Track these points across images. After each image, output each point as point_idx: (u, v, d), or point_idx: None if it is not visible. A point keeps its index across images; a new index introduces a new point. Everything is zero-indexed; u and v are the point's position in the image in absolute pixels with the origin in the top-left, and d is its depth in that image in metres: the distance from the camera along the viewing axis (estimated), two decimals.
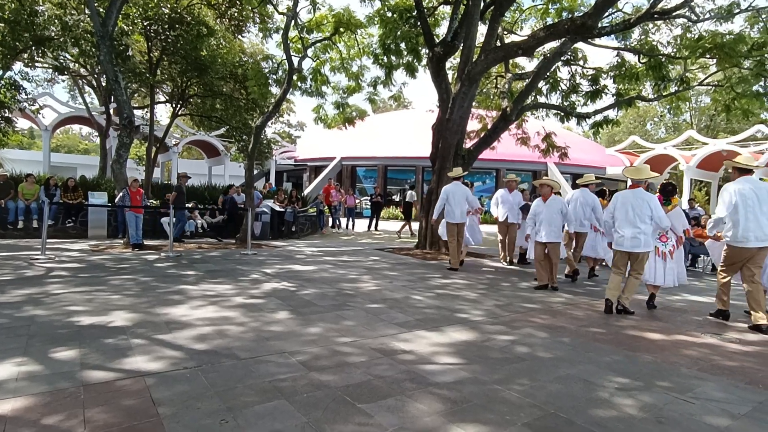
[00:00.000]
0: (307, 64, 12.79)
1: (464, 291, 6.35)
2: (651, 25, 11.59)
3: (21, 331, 3.76)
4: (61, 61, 13.60)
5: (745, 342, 4.33)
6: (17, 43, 10.76)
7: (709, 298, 6.50)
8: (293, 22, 11.38)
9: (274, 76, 12.52)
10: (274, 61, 12.77)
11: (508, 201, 9.03)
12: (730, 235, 4.94)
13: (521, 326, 4.59)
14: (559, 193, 7.28)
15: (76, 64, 16.15)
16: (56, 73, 17.33)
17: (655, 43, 11.14)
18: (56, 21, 10.86)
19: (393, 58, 11.93)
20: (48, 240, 8.00)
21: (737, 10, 9.71)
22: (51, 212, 10.40)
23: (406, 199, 15.69)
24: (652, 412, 2.73)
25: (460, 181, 8.37)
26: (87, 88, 22.36)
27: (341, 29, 11.78)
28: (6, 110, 11.94)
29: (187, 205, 11.69)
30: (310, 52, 12.30)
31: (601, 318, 5.08)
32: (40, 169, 17.77)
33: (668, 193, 5.72)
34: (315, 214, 15.55)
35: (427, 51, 10.86)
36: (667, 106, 13.20)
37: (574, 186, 10.02)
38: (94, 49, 11.16)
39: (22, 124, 27.75)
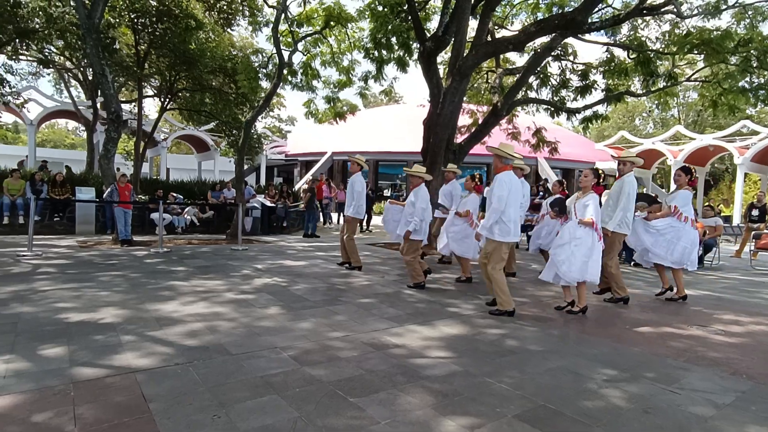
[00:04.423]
0: (298, 58, 12.66)
1: (455, 285, 6.39)
2: (640, 21, 11.66)
3: (7, 329, 3.72)
4: (46, 53, 13.33)
5: (729, 333, 4.41)
6: (0, 36, 10.54)
7: (697, 291, 6.62)
8: (283, 15, 11.26)
9: (264, 70, 12.39)
10: (264, 54, 12.64)
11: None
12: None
13: (511, 320, 4.64)
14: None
15: (62, 57, 15.82)
16: (41, 66, 16.98)
17: (643, 38, 11.22)
18: (40, 13, 10.63)
19: (384, 52, 11.87)
20: (35, 236, 7.88)
21: (724, 7, 9.81)
22: (38, 208, 10.25)
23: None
24: (639, 403, 2.78)
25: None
26: (73, 82, 21.94)
27: (332, 23, 11.69)
28: None
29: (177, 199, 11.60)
30: (300, 46, 12.20)
31: (590, 311, 5.14)
32: (26, 165, 17.48)
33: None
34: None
35: (418, 45, 10.82)
36: (656, 102, 13.34)
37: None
38: (79, 42, 10.96)
39: (7, 118, 27.29)
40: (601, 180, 5.17)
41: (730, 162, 29.99)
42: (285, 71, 11.57)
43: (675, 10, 9.71)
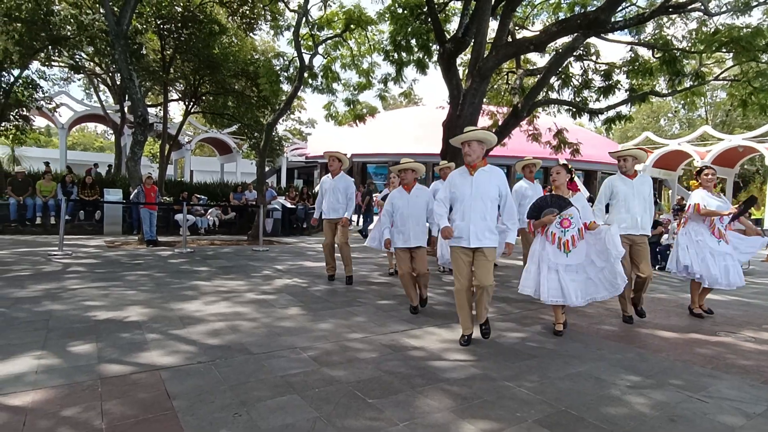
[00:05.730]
0: (318, 61, 12.80)
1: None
2: (665, 19, 11.38)
3: (39, 325, 3.85)
4: (77, 59, 13.78)
5: (760, 341, 4.27)
6: (34, 43, 10.94)
7: (725, 296, 6.42)
8: (304, 19, 11.40)
9: (286, 74, 12.54)
10: (285, 58, 12.80)
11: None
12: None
13: (531, 323, 4.58)
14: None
15: (92, 63, 16.36)
16: (72, 72, 17.58)
17: (669, 37, 10.95)
18: (72, 20, 11.01)
19: (403, 54, 11.88)
20: (65, 236, 8.14)
21: (755, 3, 9.51)
22: (68, 208, 10.60)
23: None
24: (664, 411, 2.71)
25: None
26: (102, 87, 22.65)
27: (352, 26, 11.77)
28: (24, 109, 12.18)
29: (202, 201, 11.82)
30: (320, 49, 12.31)
31: (612, 315, 5.04)
32: (57, 167, 18.09)
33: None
34: None
35: (438, 47, 10.80)
36: (682, 102, 12.98)
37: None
38: (108, 48, 11.30)
39: (40, 122, 28.18)
40: (573, 176, 4.56)
41: (760, 163, 29.00)
42: (306, 74, 11.70)
43: (702, 7, 9.46)
